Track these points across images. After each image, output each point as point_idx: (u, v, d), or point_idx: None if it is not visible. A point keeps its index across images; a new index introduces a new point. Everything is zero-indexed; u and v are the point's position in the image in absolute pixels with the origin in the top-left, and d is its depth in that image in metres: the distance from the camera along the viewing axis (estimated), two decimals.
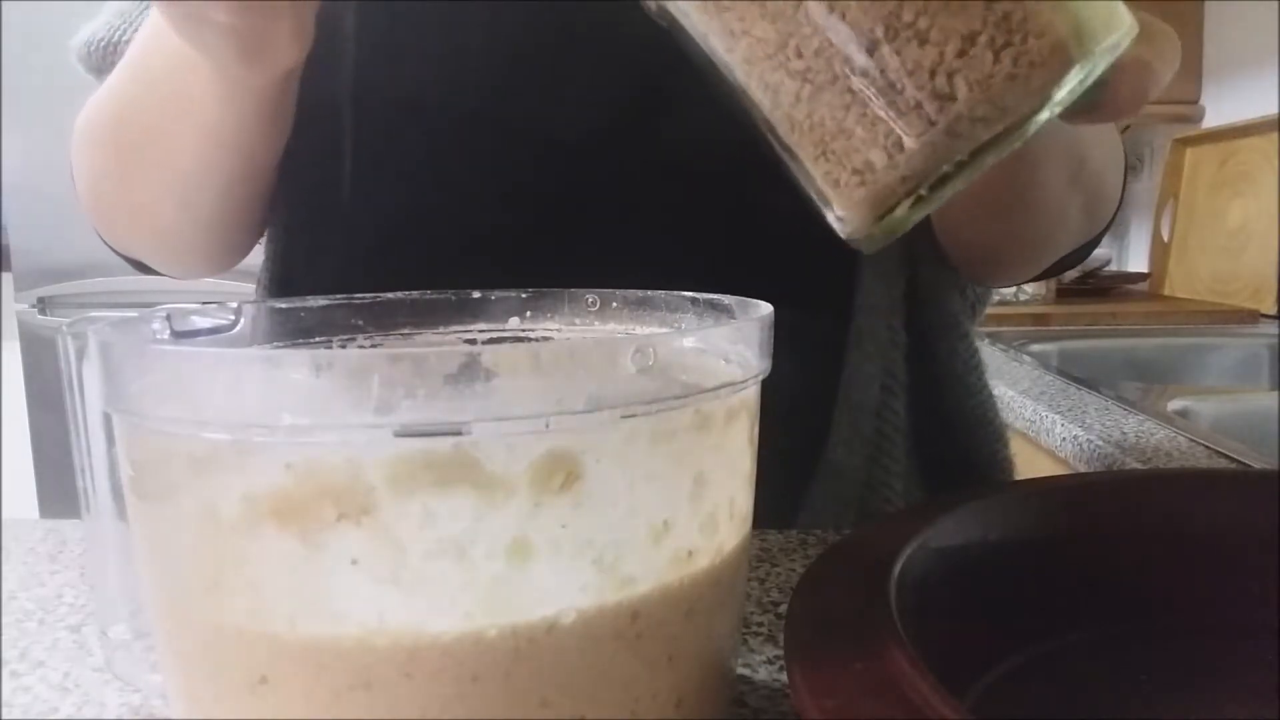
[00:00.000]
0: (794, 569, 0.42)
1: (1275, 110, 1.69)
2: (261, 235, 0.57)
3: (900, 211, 0.24)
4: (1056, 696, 0.31)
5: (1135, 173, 2.23)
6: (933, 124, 0.23)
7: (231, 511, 0.22)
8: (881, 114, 0.23)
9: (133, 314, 0.28)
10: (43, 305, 2.11)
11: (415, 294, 0.35)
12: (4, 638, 0.36)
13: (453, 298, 0.35)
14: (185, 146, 0.48)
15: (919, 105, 0.22)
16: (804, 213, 0.26)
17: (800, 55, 0.23)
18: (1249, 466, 0.76)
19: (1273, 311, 1.64)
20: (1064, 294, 1.92)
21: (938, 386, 0.55)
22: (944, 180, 0.24)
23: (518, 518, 0.22)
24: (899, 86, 0.22)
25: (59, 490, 2.09)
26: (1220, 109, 1.95)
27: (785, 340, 0.28)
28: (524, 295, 0.35)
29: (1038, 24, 0.22)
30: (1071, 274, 1.96)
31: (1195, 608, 0.33)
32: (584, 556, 0.22)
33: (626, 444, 0.23)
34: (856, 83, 0.23)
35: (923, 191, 0.24)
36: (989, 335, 1.49)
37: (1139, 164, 2.22)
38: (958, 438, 0.56)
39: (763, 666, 0.34)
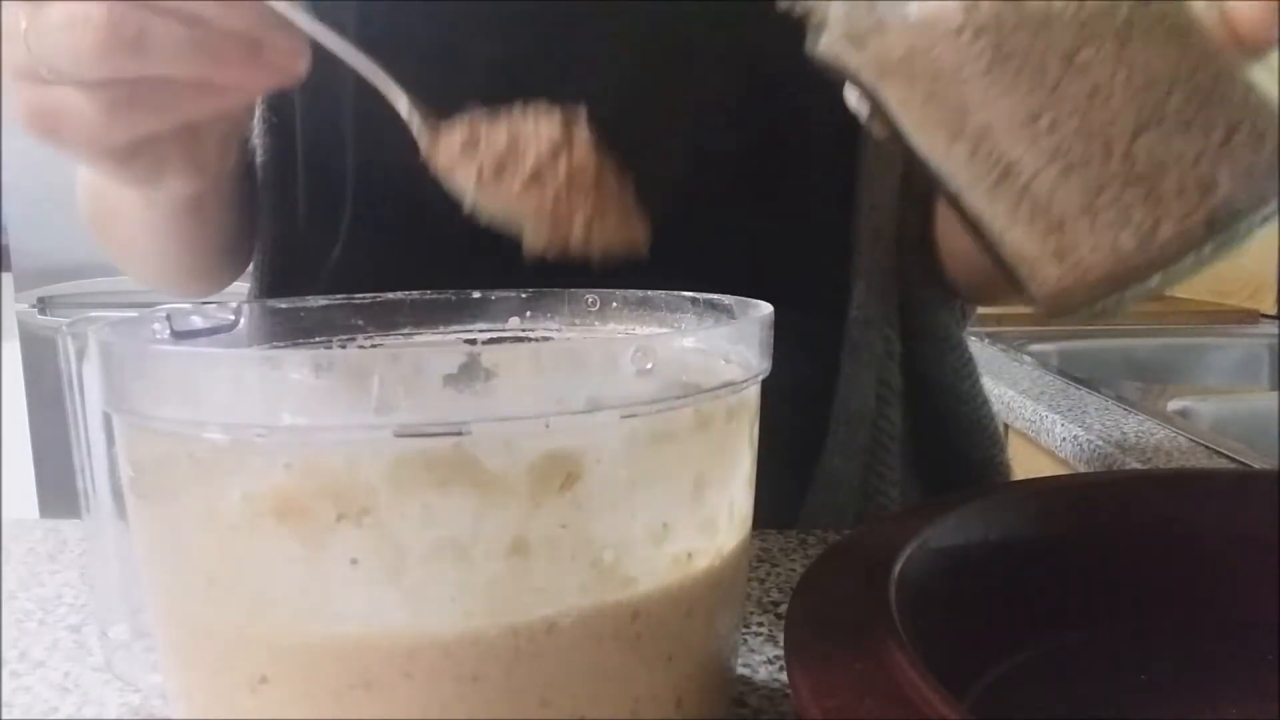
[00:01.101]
0: (794, 569, 0.42)
1: None
2: (251, 259, 0.59)
3: (1106, 298, 0.24)
4: (1056, 696, 0.31)
5: None
6: (1193, 212, 0.22)
7: (231, 511, 0.22)
8: (1138, 199, 0.23)
9: (133, 314, 0.28)
10: (43, 305, 2.11)
11: (415, 294, 0.35)
12: (4, 638, 0.36)
13: (453, 298, 0.35)
14: (134, 228, 0.52)
15: (1182, 192, 0.22)
16: (797, 222, 0.26)
17: (1055, 131, 0.23)
18: (1249, 466, 0.76)
19: (1273, 311, 1.64)
20: None
21: (930, 394, 0.55)
22: (1146, 280, 0.24)
23: (518, 518, 0.22)
24: (1161, 173, 0.22)
25: (59, 490, 2.09)
26: None
27: (781, 347, 0.28)
28: (524, 295, 0.35)
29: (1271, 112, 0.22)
30: None
31: (1195, 608, 0.33)
32: (584, 557, 0.22)
33: (626, 444, 0.23)
34: (1116, 165, 0.23)
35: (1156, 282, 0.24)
36: (989, 335, 1.49)
37: None
38: (953, 444, 0.56)
39: (763, 666, 0.34)
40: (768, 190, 0.49)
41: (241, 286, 0.59)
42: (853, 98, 0.26)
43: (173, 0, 0.30)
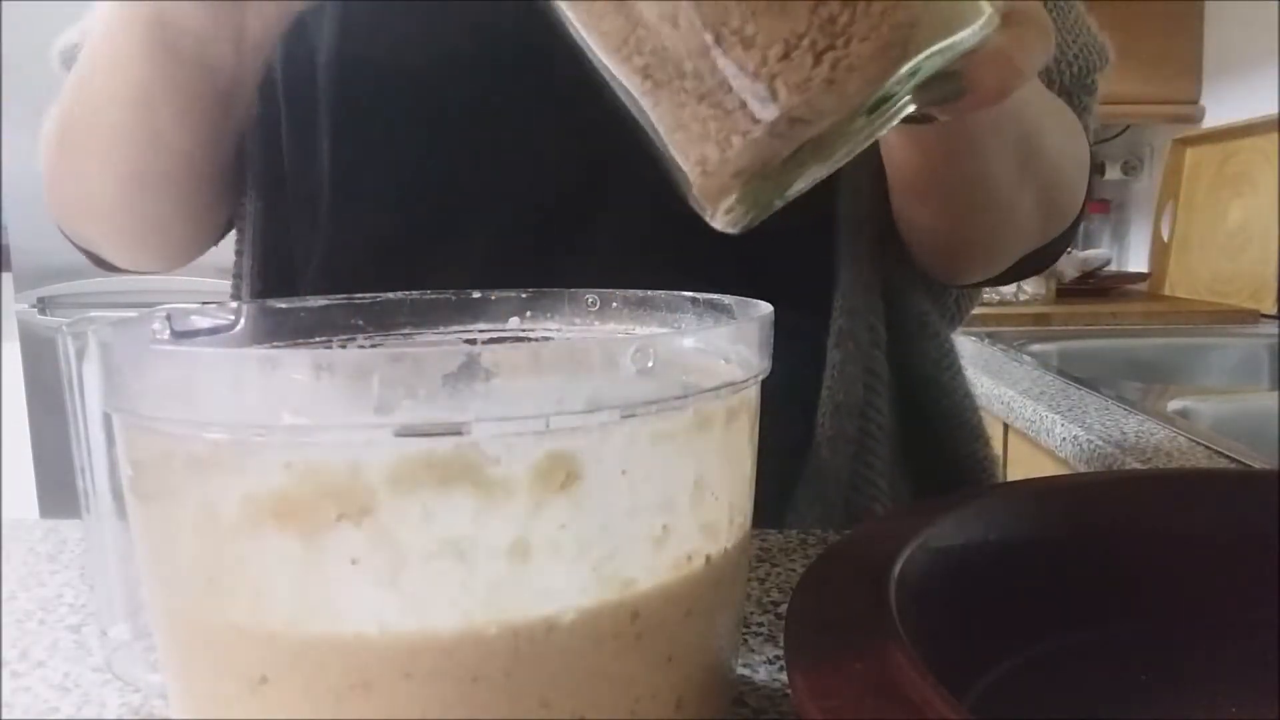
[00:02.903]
0: (794, 569, 0.42)
1: (1275, 110, 1.69)
2: (218, 239, 0.58)
3: (759, 195, 0.25)
4: (1056, 696, 0.31)
5: (1135, 173, 2.23)
6: (756, 123, 0.24)
7: (231, 511, 0.22)
8: (711, 112, 0.24)
9: (133, 314, 0.28)
10: (43, 305, 2.11)
11: (415, 294, 0.35)
12: (4, 638, 0.36)
13: (453, 298, 0.35)
14: (119, 142, 0.50)
15: (743, 105, 0.23)
16: (781, 212, 0.27)
17: (640, 52, 0.24)
18: (1249, 466, 0.76)
19: (1273, 311, 1.64)
20: (1064, 294, 1.92)
21: (911, 385, 0.55)
22: (800, 165, 0.25)
23: (518, 518, 0.22)
24: (726, 87, 0.23)
25: (59, 490, 2.09)
26: (1220, 109, 1.95)
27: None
28: (524, 295, 0.35)
29: (863, 27, 0.23)
30: (1072, 274, 1.96)
31: (1195, 608, 0.33)
32: (584, 557, 0.22)
33: (626, 444, 0.23)
34: (690, 83, 0.24)
35: (769, 177, 0.25)
36: (989, 335, 1.49)
37: (1139, 164, 2.22)
38: (938, 437, 0.56)
39: (763, 666, 0.34)
40: None
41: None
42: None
43: None
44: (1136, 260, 2.21)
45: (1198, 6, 2.00)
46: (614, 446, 0.23)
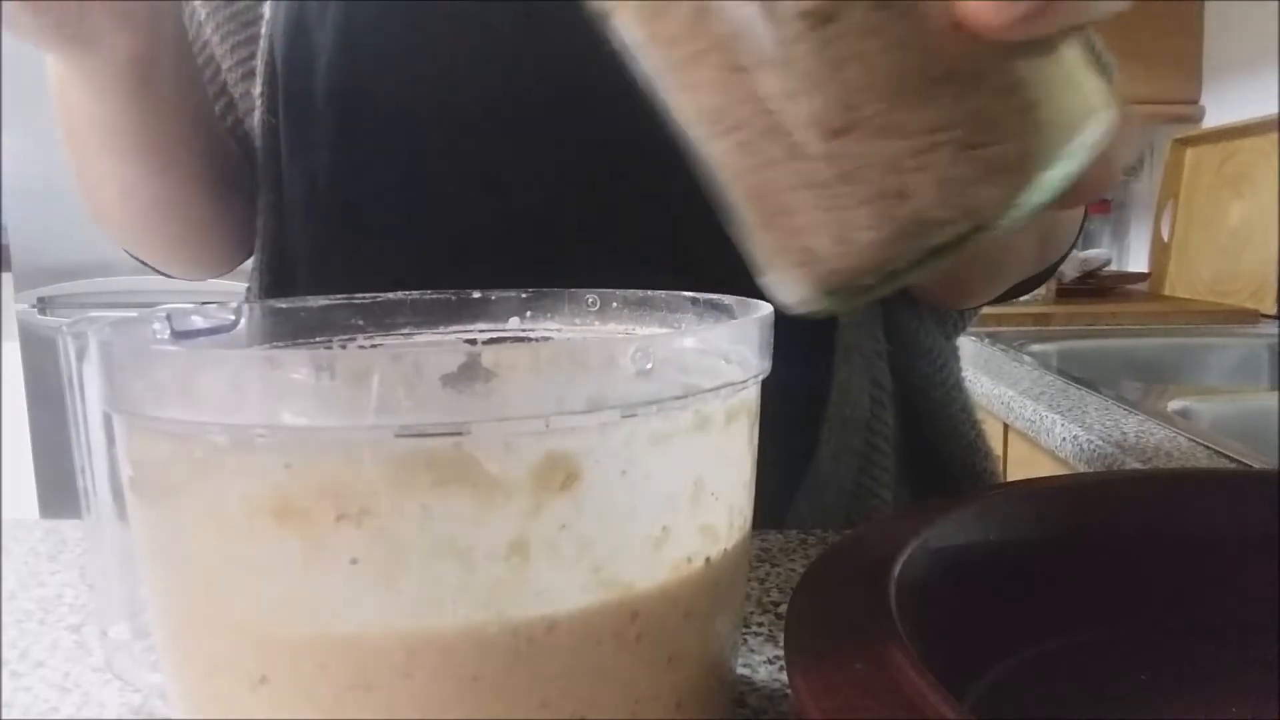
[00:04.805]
0: (794, 569, 0.42)
1: (1275, 110, 1.69)
2: (250, 251, 0.58)
3: (856, 292, 0.23)
4: (1056, 696, 0.31)
5: (1135, 173, 2.23)
6: (888, 222, 0.21)
7: (231, 511, 0.22)
8: (832, 204, 0.21)
9: (133, 314, 0.28)
10: (43, 305, 2.11)
11: (415, 294, 0.35)
12: (4, 638, 0.36)
13: (453, 298, 0.35)
14: (88, 143, 0.50)
15: (873, 201, 0.21)
16: None
17: (740, 128, 0.21)
18: (1249, 466, 0.76)
19: (1273, 311, 1.64)
20: (1064, 294, 1.92)
21: (911, 398, 0.54)
22: (916, 267, 0.22)
23: (517, 518, 0.22)
24: (855, 179, 0.21)
25: (59, 490, 2.09)
26: (1220, 109, 1.95)
27: (774, 348, 0.28)
28: (524, 295, 0.35)
29: (1013, 125, 0.20)
30: (1072, 274, 1.96)
31: (1195, 608, 0.33)
32: (583, 557, 0.22)
33: (626, 444, 0.23)
34: (804, 166, 0.21)
35: (870, 282, 0.22)
36: (989, 335, 1.49)
37: (1139, 164, 2.22)
38: (935, 450, 0.56)
39: (763, 666, 0.34)
40: None
41: (242, 287, 0.59)
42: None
43: None
44: (1136, 260, 2.21)
45: (1198, 6, 2.00)
46: (614, 447, 0.23)
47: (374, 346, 0.34)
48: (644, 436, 0.23)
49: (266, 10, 0.53)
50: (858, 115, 0.20)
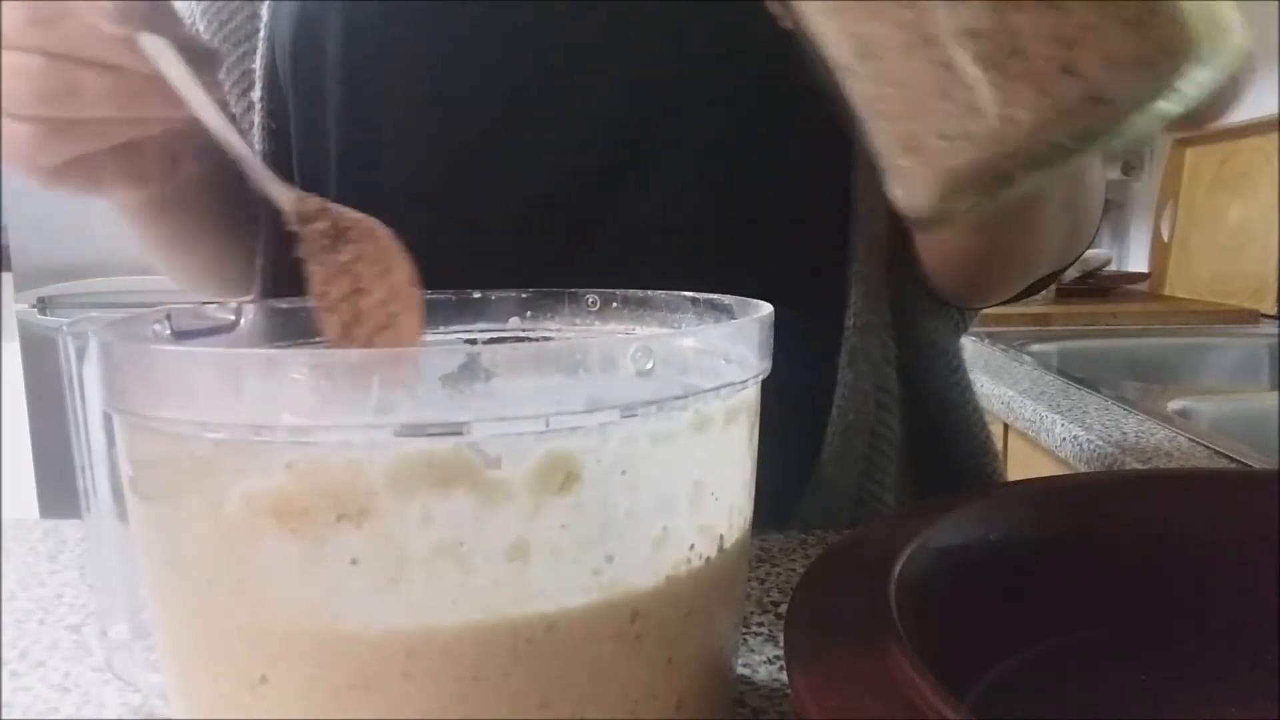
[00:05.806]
0: (794, 569, 0.42)
1: (1275, 110, 1.69)
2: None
3: (964, 197, 0.22)
4: (1056, 696, 0.31)
5: (1135, 173, 2.22)
6: (1050, 97, 0.20)
7: (232, 511, 0.22)
8: (994, 80, 0.21)
9: (133, 314, 0.28)
10: (43, 305, 2.11)
11: None
12: (4, 638, 0.36)
13: (453, 298, 0.35)
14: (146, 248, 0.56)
15: (1038, 75, 0.20)
16: (796, 230, 0.26)
17: (910, 3, 0.21)
18: (1249, 466, 0.76)
19: (1273, 311, 1.64)
20: (1064, 294, 1.92)
21: (920, 401, 0.54)
22: (1009, 177, 0.22)
23: (517, 518, 0.22)
24: (1020, 52, 0.20)
25: (59, 490, 2.09)
26: None
27: (778, 352, 0.28)
28: (524, 295, 0.35)
29: (1174, 9, 0.20)
30: (1072, 274, 1.96)
31: (1195, 608, 0.33)
32: (583, 557, 0.22)
33: (626, 444, 0.23)
34: (971, 42, 0.21)
35: (1009, 172, 0.22)
36: (989, 335, 1.49)
37: (1139, 164, 2.22)
38: (947, 453, 0.56)
39: (763, 666, 0.34)
40: (766, 196, 0.49)
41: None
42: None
43: (96, 52, 0.34)
44: (1136, 260, 2.20)
45: None
46: (613, 447, 0.23)
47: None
48: (644, 436, 0.23)
49: (264, 12, 0.53)
50: None
